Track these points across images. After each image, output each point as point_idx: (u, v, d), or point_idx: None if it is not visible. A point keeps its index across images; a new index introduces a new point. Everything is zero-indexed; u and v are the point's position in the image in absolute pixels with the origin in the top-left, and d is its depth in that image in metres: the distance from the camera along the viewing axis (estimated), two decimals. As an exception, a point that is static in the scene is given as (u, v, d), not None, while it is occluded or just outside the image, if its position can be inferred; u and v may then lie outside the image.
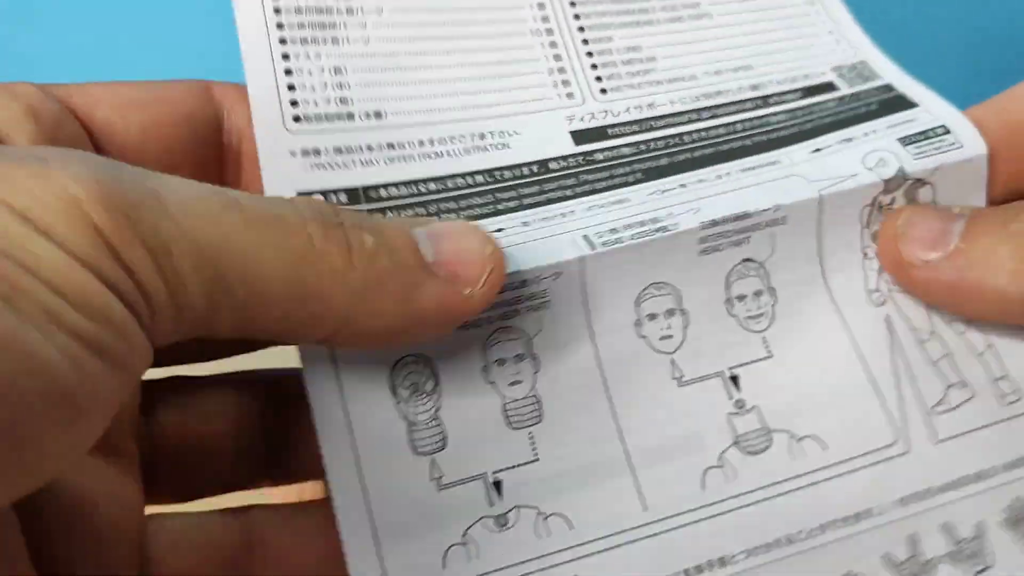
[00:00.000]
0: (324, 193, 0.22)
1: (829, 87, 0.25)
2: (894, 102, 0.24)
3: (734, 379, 0.21)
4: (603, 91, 0.24)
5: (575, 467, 0.20)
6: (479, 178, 0.23)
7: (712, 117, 0.24)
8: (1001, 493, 0.20)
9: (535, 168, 0.23)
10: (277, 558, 0.21)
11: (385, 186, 0.22)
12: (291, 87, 0.22)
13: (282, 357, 0.20)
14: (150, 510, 0.21)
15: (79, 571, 0.18)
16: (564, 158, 0.23)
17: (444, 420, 0.19)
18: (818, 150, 0.23)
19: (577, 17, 0.25)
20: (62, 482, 0.18)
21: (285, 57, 0.22)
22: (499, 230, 0.22)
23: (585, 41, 0.25)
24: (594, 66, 0.25)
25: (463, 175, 0.23)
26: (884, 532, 0.20)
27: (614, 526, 0.20)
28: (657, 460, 0.20)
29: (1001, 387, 0.21)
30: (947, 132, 0.23)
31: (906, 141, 0.23)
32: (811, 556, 0.20)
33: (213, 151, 0.22)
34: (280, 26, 0.23)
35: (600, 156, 0.23)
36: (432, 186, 0.22)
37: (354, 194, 0.22)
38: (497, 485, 0.19)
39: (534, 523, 0.19)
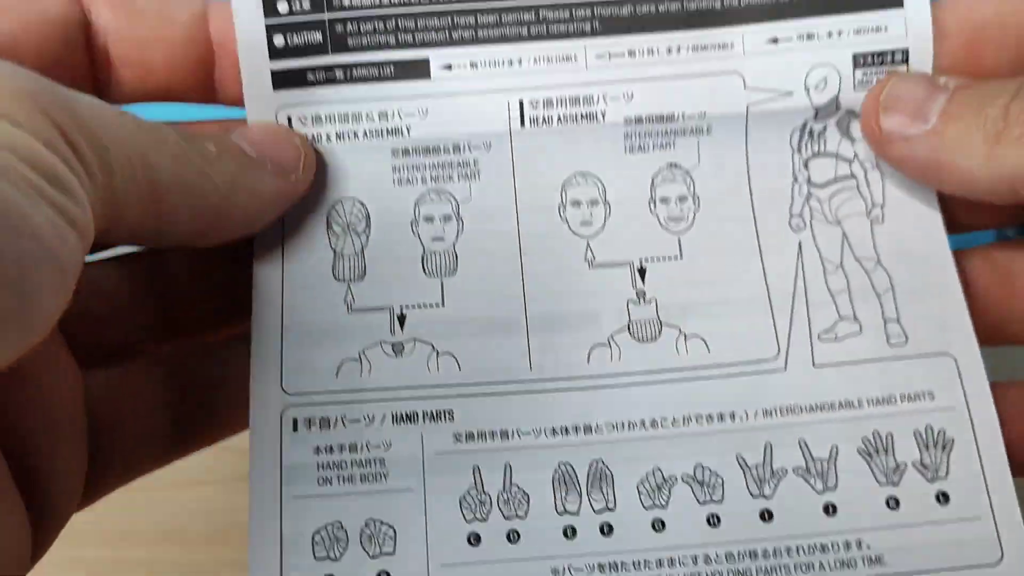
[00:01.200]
0: (288, -1, 0.22)
1: None
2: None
3: (642, 272, 0.23)
4: None
5: (476, 318, 0.22)
6: (441, -8, 0.23)
7: None
8: (862, 425, 0.22)
9: (499, -12, 0.23)
10: (208, 390, 0.24)
11: (348, -7, 0.22)
12: None
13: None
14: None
15: (34, 437, 0.20)
16: (532, -18, 0.23)
17: (368, 257, 0.23)
18: (775, 40, 0.23)
19: None
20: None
21: None
22: (448, 66, 0.23)
23: None
24: None
25: (425, -12, 0.23)
26: (743, 436, 0.22)
27: (499, 376, 0.22)
28: (552, 329, 0.22)
29: (890, 329, 0.22)
30: (905, 60, 0.22)
31: (859, 61, 0.22)
32: (669, 442, 0.22)
33: (82, 53, 0.22)
34: None
35: None
36: (394, -2, 0.23)
37: (317, 1, 0.22)
38: (401, 319, 0.23)
39: (427, 357, 0.22)
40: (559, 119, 0.23)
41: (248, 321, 0.24)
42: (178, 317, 0.24)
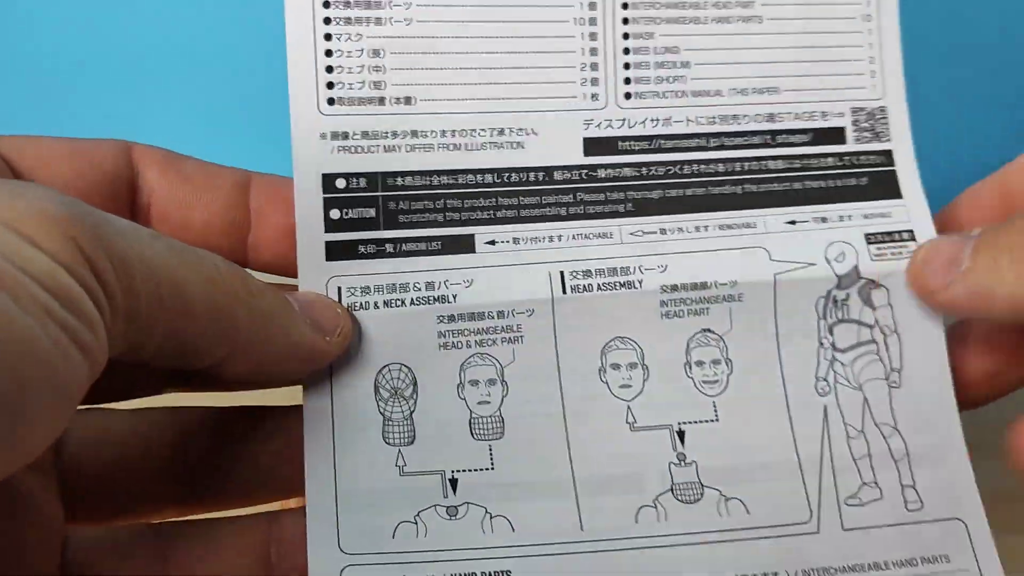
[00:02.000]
0: (346, 176, 0.24)
1: (838, 136, 0.26)
2: (883, 182, 0.26)
3: (680, 434, 0.24)
4: (627, 96, 0.25)
5: (525, 481, 0.23)
6: (488, 177, 0.25)
7: (719, 147, 0.26)
8: None
9: (541, 176, 0.25)
10: (192, 567, 0.23)
11: (402, 174, 0.24)
12: (329, 69, 0.24)
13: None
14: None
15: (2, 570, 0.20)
16: (569, 169, 0.25)
17: (416, 422, 0.23)
18: (793, 223, 0.25)
19: (625, 7, 0.25)
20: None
21: (327, 37, 0.23)
22: (492, 242, 0.24)
23: (626, 35, 0.25)
24: (627, 65, 0.25)
25: (474, 171, 0.25)
26: None
27: (551, 537, 0.23)
28: (599, 491, 0.23)
29: (907, 495, 0.24)
30: (912, 239, 0.25)
31: (871, 239, 0.25)
32: None
33: (126, 209, 0.23)
34: (327, 4, 0.23)
35: (602, 174, 0.25)
36: (444, 179, 0.25)
37: (373, 179, 0.24)
38: (453, 483, 0.23)
39: (481, 519, 0.23)
40: (599, 287, 0.24)
41: (259, 501, 0.24)
42: (189, 484, 0.24)
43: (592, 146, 0.25)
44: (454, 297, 0.24)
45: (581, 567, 0.22)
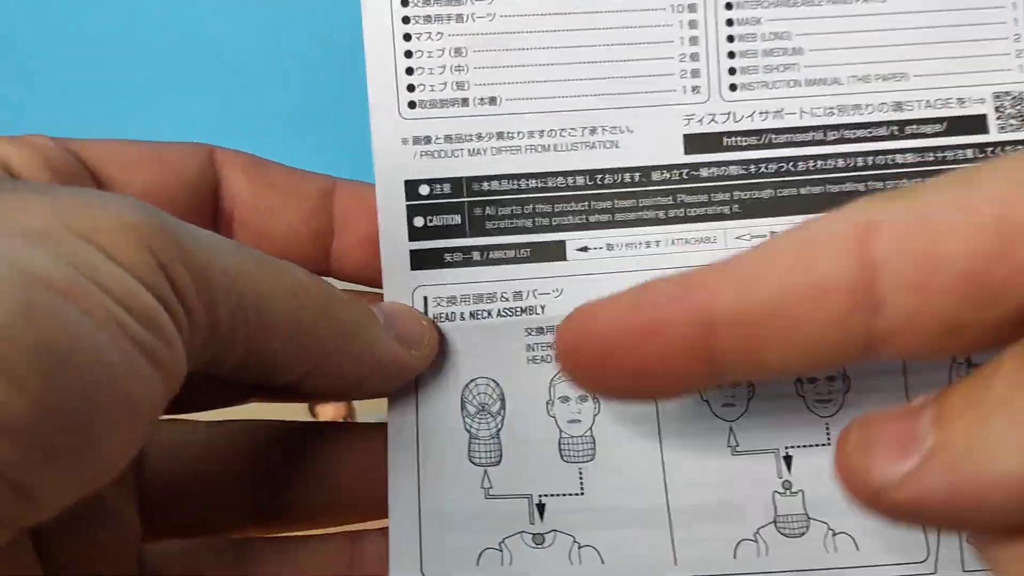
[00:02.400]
0: (430, 182, 0.23)
1: (978, 124, 0.23)
2: (1035, 174, 0.22)
3: (788, 459, 0.22)
4: (732, 87, 0.23)
5: (617, 508, 0.22)
6: (579, 179, 0.23)
7: (838, 141, 0.23)
8: None
9: (637, 176, 0.23)
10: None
11: (488, 179, 0.23)
12: (409, 70, 0.23)
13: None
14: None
15: None
16: (668, 168, 0.23)
17: (503, 440, 0.22)
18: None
19: None
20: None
21: (407, 38, 0.22)
22: (584, 248, 0.23)
23: (730, 21, 0.23)
24: (731, 54, 0.23)
25: (564, 174, 0.23)
26: None
27: (643, 571, 0.22)
28: (696, 520, 0.22)
29: None
30: None
31: None
32: None
33: (209, 215, 0.23)
34: (405, 2, 0.22)
35: (705, 173, 0.23)
36: (532, 183, 0.23)
37: (457, 185, 0.23)
38: (540, 508, 0.22)
39: (569, 549, 0.22)
40: (700, 297, 0.22)
41: (336, 523, 0.24)
42: (265, 502, 0.23)
43: (693, 143, 0.23)
44: (543, 308, 0.22)
45: None
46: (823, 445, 0.22)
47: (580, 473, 0.22)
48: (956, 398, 0.15)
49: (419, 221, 0.23)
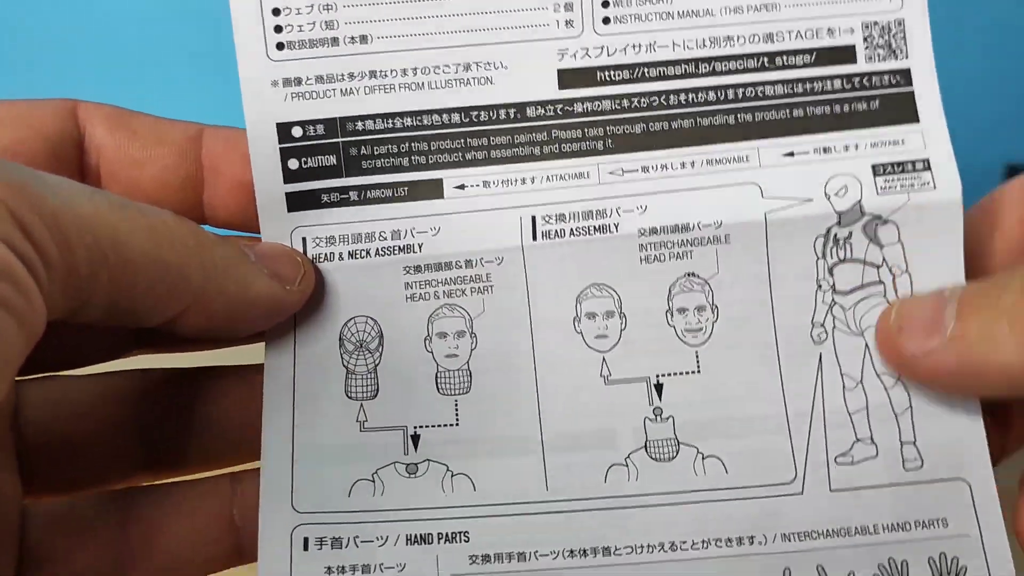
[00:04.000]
0: (302, 124, 0.23)
1: (847, 54, 0.23)
2: (898, 105, 0.23)
3: (658, 387, 0.23)
4: (606, 20, 0.23)
5: (490, 438, 0.22)
6: (455, 117, 0.23)
7: (710, 73, 0.23)
8: (878, 551, 0.21)
9: (512, 113, 0.23)
10: (154, 533, 0.23)
11: (362, 118, 0.23)
12: (276, 11, 0.22)
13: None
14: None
15: None
16: (543, 104, 0.23)
17: (380, 375, 0.23)
18: (791, 154, 0.23)
19: None
20: None
21: (271, -24, 0.22)
22: (460, 186, 0.23)
23: None
24: None
25: (439, 111, 0.23)
26: (762, 560, 0.21)
27: (514, 497, 0.22)
28: (568, 448, 0.22)
29: (906, 452, 0.22)
30: (926, 168, 0.22)
31: (879, 170, 0.22)
32: (687, 565, 0.21)
33: (74, 170, 0.22)
34: (267, -61, 0.22)
35: (579, 108, 0.23)
36: (408, 121, 0.23)
37: (331, 125, 0.23)
38: (415, 439, 0.22)
39: (442, 477, 0.22)
40: (572, 232, 0.23)
41: (225, 464, 0.24)
42: (153, 449, 0.23)
43: (567, 78, 0.23)
44: (420, 247, 0.23)
45: (544, 529, 0.21)
46: (693, 373, 0.22)
47: (456, 405, 0.23)
48: (975, 298, 0.20)
49: (293, 163, 0.23)
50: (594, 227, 0.23)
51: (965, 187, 0.22)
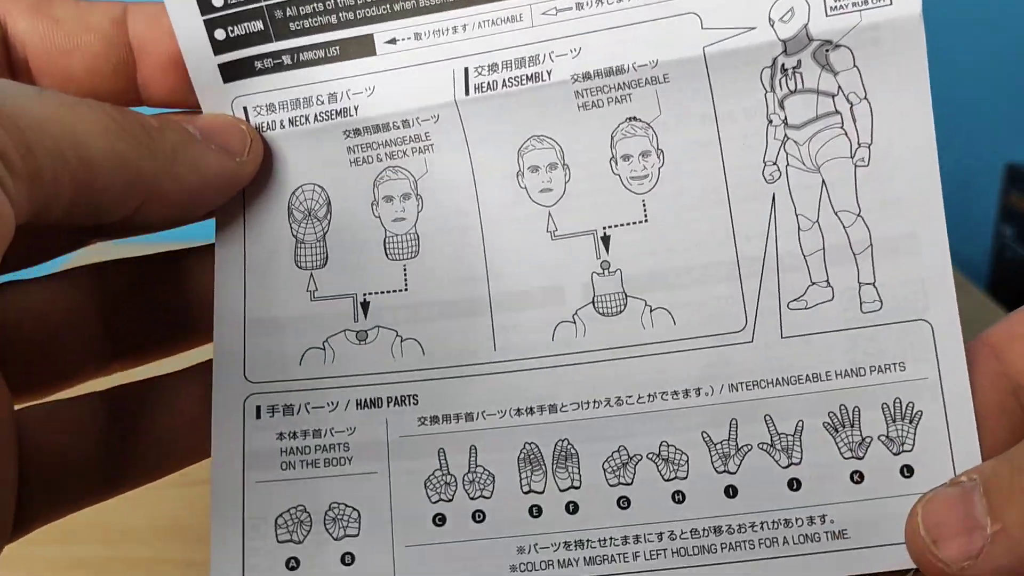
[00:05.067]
0: (226, -17, 0.22)
1: None
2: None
3: (605, 240, 0.22)
4: None
5: (439, 301, 0.22)
6: (380, -34, 0.22)
7: None
8: (829, 399, 0.21)
9: (439, -43, 0.22)
10: (142, 425, 0.23)
11: (284, -24, 0.22)
12: None
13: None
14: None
15: None
16: (470, -55, 0.22)
17: (329, 243, 0.23)
18: (734, -23, 0.21)
19: None
20: None
21: None
22: (392, 40, 0.22)
23: None
24: None
25: (363, -38, 0.22)
26: (708, 412, 0.21)
27: (463, 359, 0.22)
28: (516, 306, 0.22)
29: (864, 294, 0.21)
30: (884, -19, 0.20)
31: None
32: (634, 419, 0.21)
33: (2, 67, 0.21)
34: None
35: None
36: (331, -26, 0.22)
37: (255, -16, 0.22)
38: (365, 306, 0.23)
39: (391, 343, 0.22)
40: (504, 83, 0.22)
41: (192, 344, 0.24)
42: (121, 338, 0.24)
43: None
44: (356, 109, 0.22)
45: (491, 389, 0.22)
46: (641, 222, 0.22)
47: (404, 270, 0.23)
48: (1002, 485, 0.19)
49: (220, 34, 0.22)
50: (526, 76, 0.22)
51: (965, 187, 0.20)
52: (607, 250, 0.22)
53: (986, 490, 0.19)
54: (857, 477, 0.21)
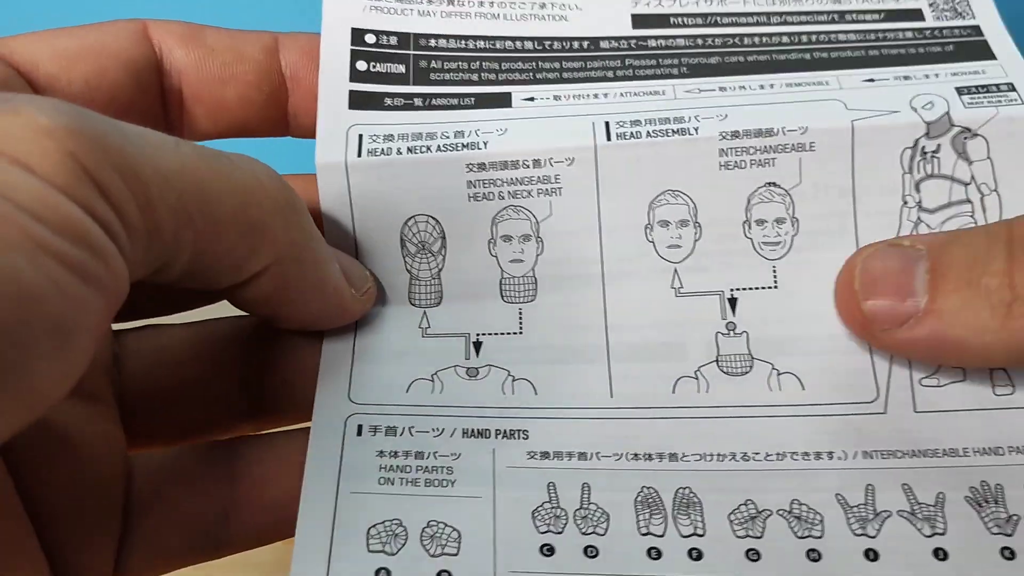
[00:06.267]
0: (376, 33, 0.23)
1: (915, 15, 0.24)
2: (973, 49, 0.23)
3: (732, 301, 0.21)
4: None
5: (555, 346, 0.21)
6: (527, 44, 0.23)
7: (782, 23, 0.24)
8: (968, 473, 0.19)
9: (585, 44, 0.23)
10: (261, 484, 0.21)
11: (436, 36, 0.23)
12: None
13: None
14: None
15: (65, 511, 0.19)
16: (617, 39, 0.23)
17: (444, 280, 0.21)
18: (871, 80, 0.22)
19: None
20: (48, 423, 0.18)
21: None
22: (530, 98, 0.22)
23: None
24: None
25: (512, 38, 0.23)
26: (842, 475, 0.20)
27: (577, 403, 0.20)
28: (635, 358, 0.21)
29: (995, 377, 0.20)
30: (1012, 89, 0.21)
31: (963, 91, 0.22)
32: (762, 475, 0.20)
33: (156, 96, 0.22)
34: None
35: (653, 43, 0.23)
36: (480, 44, 0.23)
37: (404, 39, 0.23)
38: (477, 345, 0.21)
39: (503, 381, 0.21)
40: (648, 134, 0.21)
41: None
42: (258, 397, 0.21)
43: (640, 21, 0.24)
44: (484, 144, 0.21)
45: (607, 432, 0.20)
46: (769, 288, 0.21)
47: (520, 313, 0.21)
48: (951, 272, 0.18)
49: (362, 65, 0.22)
50: (672, 130, 0.21)
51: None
52: (733, 311, 0.21)
53: (933, 267, 0.19)
54: (1008, 553, 0.18)
